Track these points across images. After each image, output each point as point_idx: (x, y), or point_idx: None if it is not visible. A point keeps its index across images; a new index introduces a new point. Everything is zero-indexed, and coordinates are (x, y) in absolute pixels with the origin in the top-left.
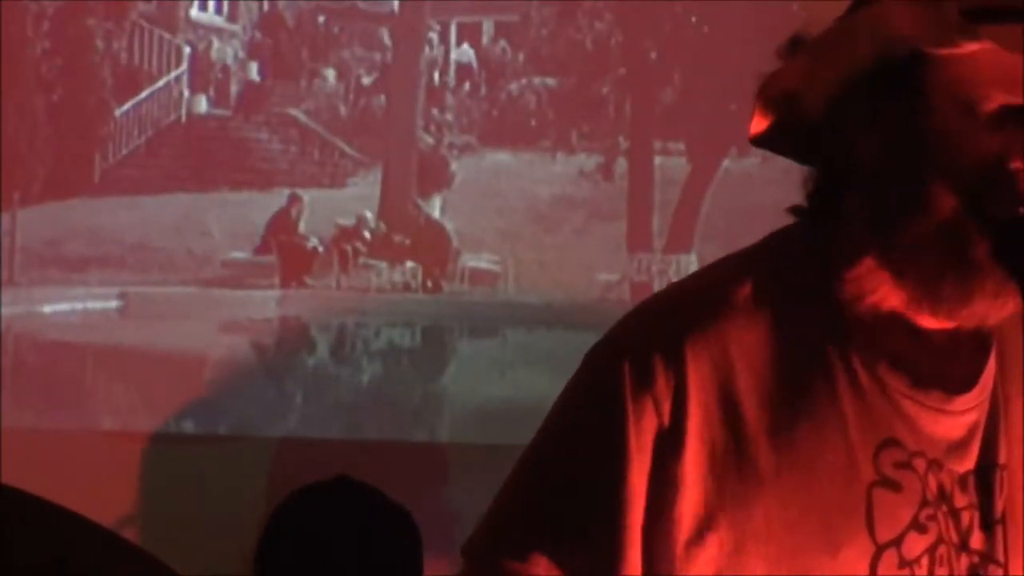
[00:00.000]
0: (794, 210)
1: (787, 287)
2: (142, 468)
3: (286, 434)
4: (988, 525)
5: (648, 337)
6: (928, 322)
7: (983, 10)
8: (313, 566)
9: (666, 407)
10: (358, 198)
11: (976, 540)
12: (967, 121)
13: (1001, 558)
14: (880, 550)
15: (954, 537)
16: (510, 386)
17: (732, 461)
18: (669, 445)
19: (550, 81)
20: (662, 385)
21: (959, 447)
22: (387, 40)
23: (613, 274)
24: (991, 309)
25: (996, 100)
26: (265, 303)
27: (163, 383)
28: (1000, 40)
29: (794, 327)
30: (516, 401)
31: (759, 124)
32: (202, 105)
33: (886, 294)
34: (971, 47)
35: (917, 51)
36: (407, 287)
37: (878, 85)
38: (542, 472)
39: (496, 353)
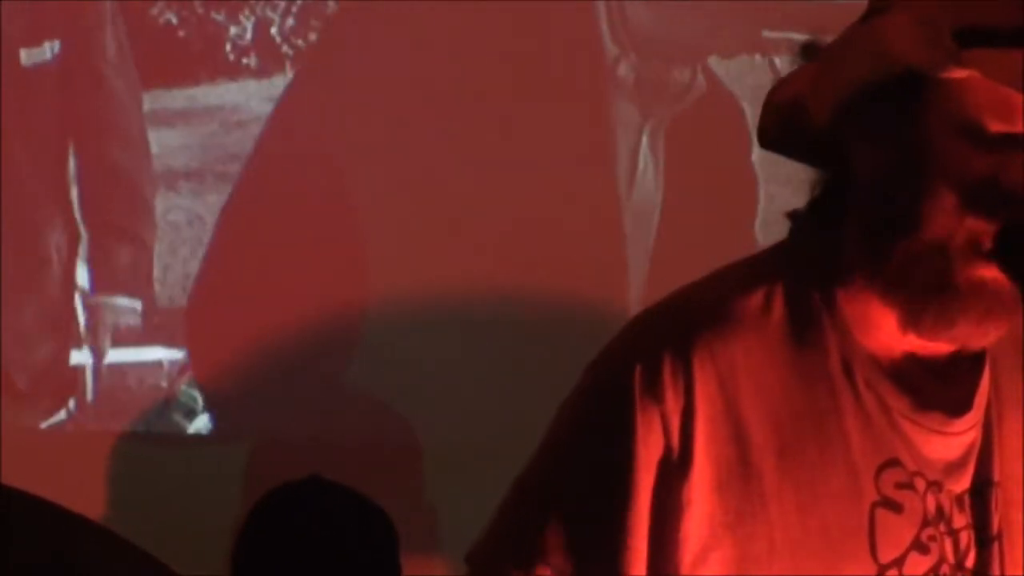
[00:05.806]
0: (793, 216)
1: (795, 299)
2: (142, 468)
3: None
4: (983, 543)
5: (656, 349)
6: (924, 345)
7: (976, 32)
8: (289, 567)
9: (674, 426)
10: None
11: (971, 559)
12: (964, 142)
13: (996, 575)
14: (882, 570)
15: (951, 558)
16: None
17: (737, 478)
18: (676, 464)
19: None
20: (671, 401)
21: (956, 467)
22: None
23: None
24: (974, 335)
25: (992, 126)
26: None
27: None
28: (992, 64)
29: (801, 342)
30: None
31: (766, 126)
32: None
33: (876, 315)
34: (963, 74)
35: (913, 72)
36: None
37: (875, 101)
38: (548, 481)
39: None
